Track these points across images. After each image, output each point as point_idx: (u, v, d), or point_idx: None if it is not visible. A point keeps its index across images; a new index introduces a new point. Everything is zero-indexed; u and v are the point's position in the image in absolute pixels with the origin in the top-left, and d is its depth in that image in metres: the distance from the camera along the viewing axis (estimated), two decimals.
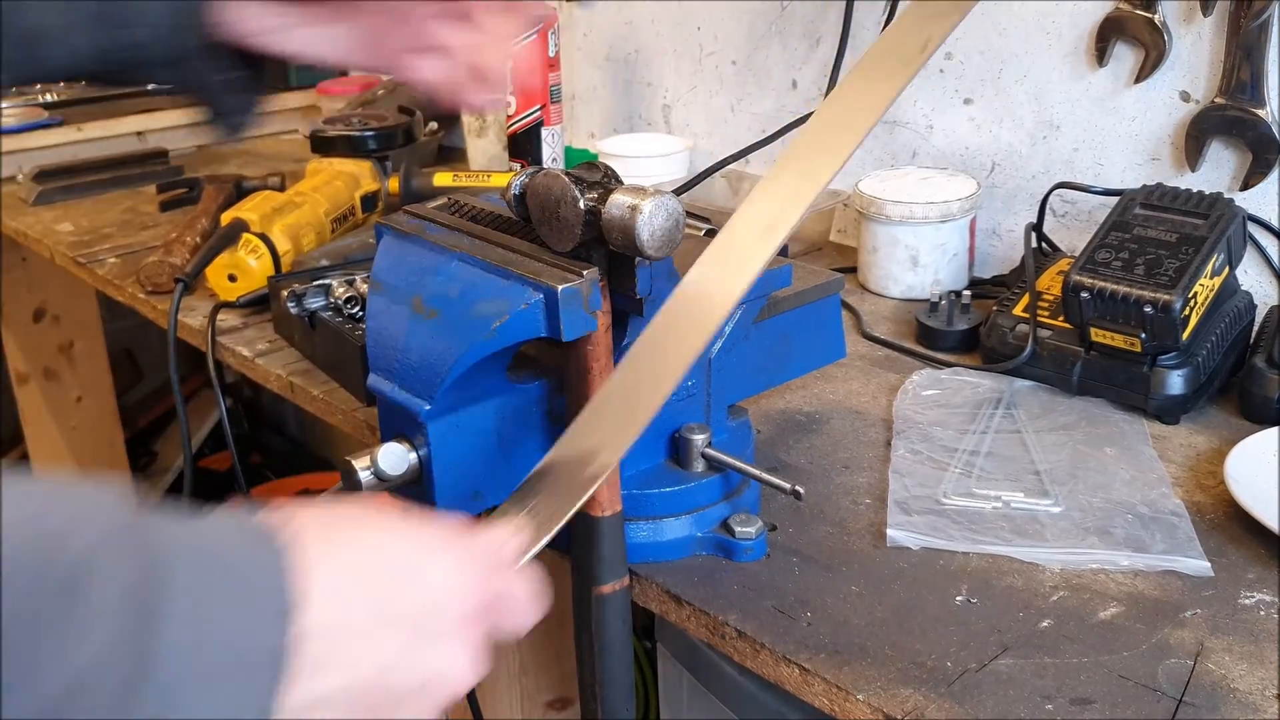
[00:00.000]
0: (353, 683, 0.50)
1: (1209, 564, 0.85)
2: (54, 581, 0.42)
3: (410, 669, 0.52)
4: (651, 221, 0.72)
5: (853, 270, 1.45)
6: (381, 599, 0.52)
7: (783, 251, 1.43)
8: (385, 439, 0.80)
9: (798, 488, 0.84)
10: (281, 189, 1.60)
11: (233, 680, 0.46)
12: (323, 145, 1.63)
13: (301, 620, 0.48)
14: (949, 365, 1.18)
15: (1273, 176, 1.19)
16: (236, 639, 0.46)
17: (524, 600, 0.58)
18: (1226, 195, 1.12)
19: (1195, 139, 1.22)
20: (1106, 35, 1.27)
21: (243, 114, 0.89)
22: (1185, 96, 1.24)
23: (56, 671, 0.41)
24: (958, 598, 0.83)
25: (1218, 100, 1.20)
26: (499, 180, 1.52)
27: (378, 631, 0.51)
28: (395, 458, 0.77)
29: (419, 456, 0.79)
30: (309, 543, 0.49)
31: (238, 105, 0.89)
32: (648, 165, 1.64)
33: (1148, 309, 1.03)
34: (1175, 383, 1.05)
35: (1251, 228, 1.18)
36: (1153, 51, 1.24)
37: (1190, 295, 1.03)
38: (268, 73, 0.92)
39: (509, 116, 1.61)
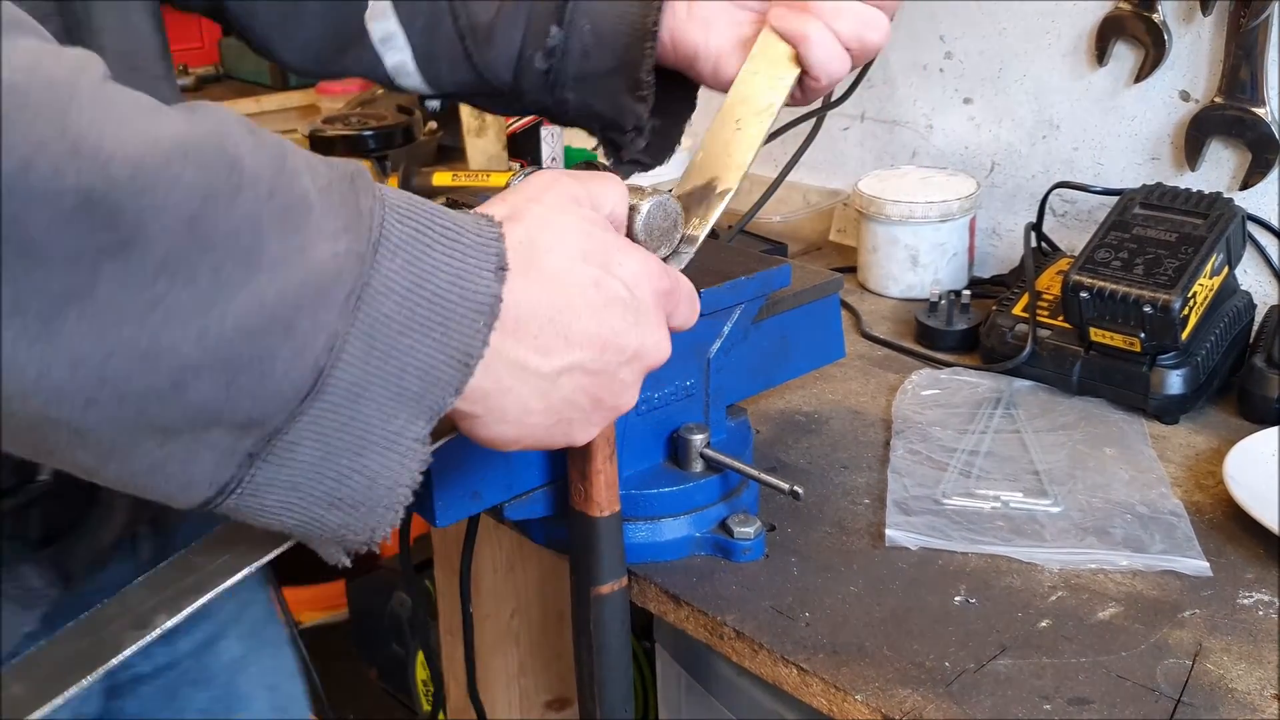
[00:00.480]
0: (571, 361, 0.55)
1: (1208, 564, 0.85)
2: (289, 198, 0.44)
3: (623, 343, 0.57)
4: (649, 221, 0.71)
5: (852, 270, 1.45)
6: (590, 280, 0.56)
7: (782, 251, 1.44)
8: None
9: (796, 488, 0.84)
10: None
11: (446, 323, 0.49)
12: (322, 145, 1.63)
13: (512, 282, 0.51)
14: (948, 365, 1.18)
15: (1272, 176, 1.19)
16: (450, 285, 0.49)
17: (690, 295, 0.64)
18: (1226, 195, 1.11)
19: (1195, 138, 1.22)
20: (1106, 35, 1.27)
21: (654, 155, 0.85)
22: (1185, 96, 1.24)
23: (295, 268, 0.44)
24: (956, 598, 0.83)
25: (1217, 100, 1.20)
26: (498, 180, 1.52)
27: (592, 305, 0.55)
28: None
29: None
30: (511, 226, 0.53)
31: (655, 145, 0.85)
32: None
33: (1147, 309, 1.03)
34: (1174, 382, 1.05)
35: (1251, 227, 1.18)
36: (1152, 51, 1.24)
37: (1190, 295, 1.03)
38: (690, 106, 0.85)
39: (509, 116, 1.61)
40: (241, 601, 0.92)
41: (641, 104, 0.80)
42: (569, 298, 0.55)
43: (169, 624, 0.53)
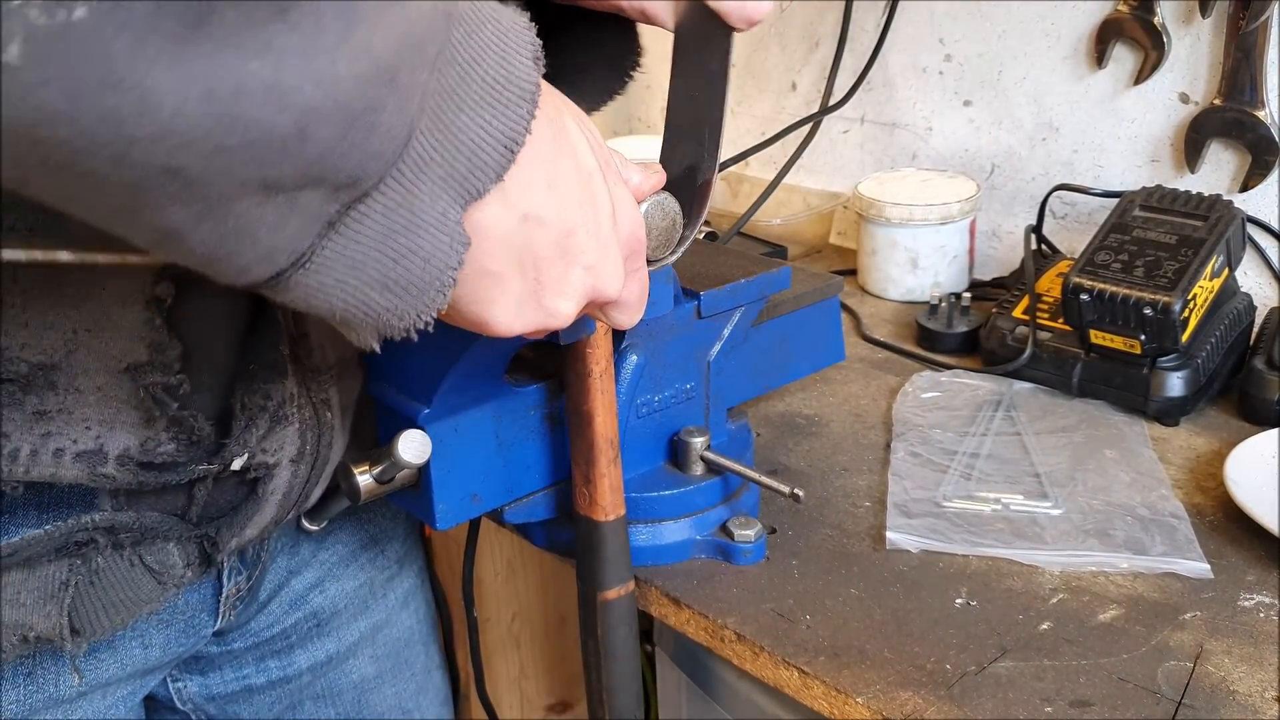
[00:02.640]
0: (542, 212, 0.54)
1: (1209, 566, 0.85)
2: None
3: (587, 242, 0.56)
4: (649, 221, 0.71)
5: (852, 273, 1.45)
6: (588, 170, 0.56)
7: (782, 254, 1.44)
8: (383, 442, 0.80)
9: (797, 490, 0.84)
10: None
11: (495, 104, 0.50)
12: None
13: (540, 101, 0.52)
14: (949, 367, 1.18)
15: (1272, 178, 1.19)
16: (497, 66, 0.50)
17: (644, 282, 0.65)
18: (1226, 197, 1.11)
19: (1194, 141, 1.22)
20: (1106, 37, 1.27)
21: (596, 98, 0.83)
22: (1184, 98, 1.24)
23: (397, 19, 0.44)
24: (957, 600, 0.83)
25: (1217, 102, 1.20)
26: None
27: (581, 186, 0.56)
28: (416, 445, 0.74)
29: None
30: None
31: (599, 87, 0.82)
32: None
33: (1147, 311, 1.03)
34: (1175, 385, 1.05)
35: (1251, 229, 1.18)
36: (1152, 53, 1.24)
37: (1190, 297, 1.03)
38: (635, 51, 0.81)
39: None
40: (375, 623, 0.93)
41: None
42: (565, 164, 0.55)
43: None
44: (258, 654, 0.87)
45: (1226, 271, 1.09)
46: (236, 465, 0.68)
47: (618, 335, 0.83)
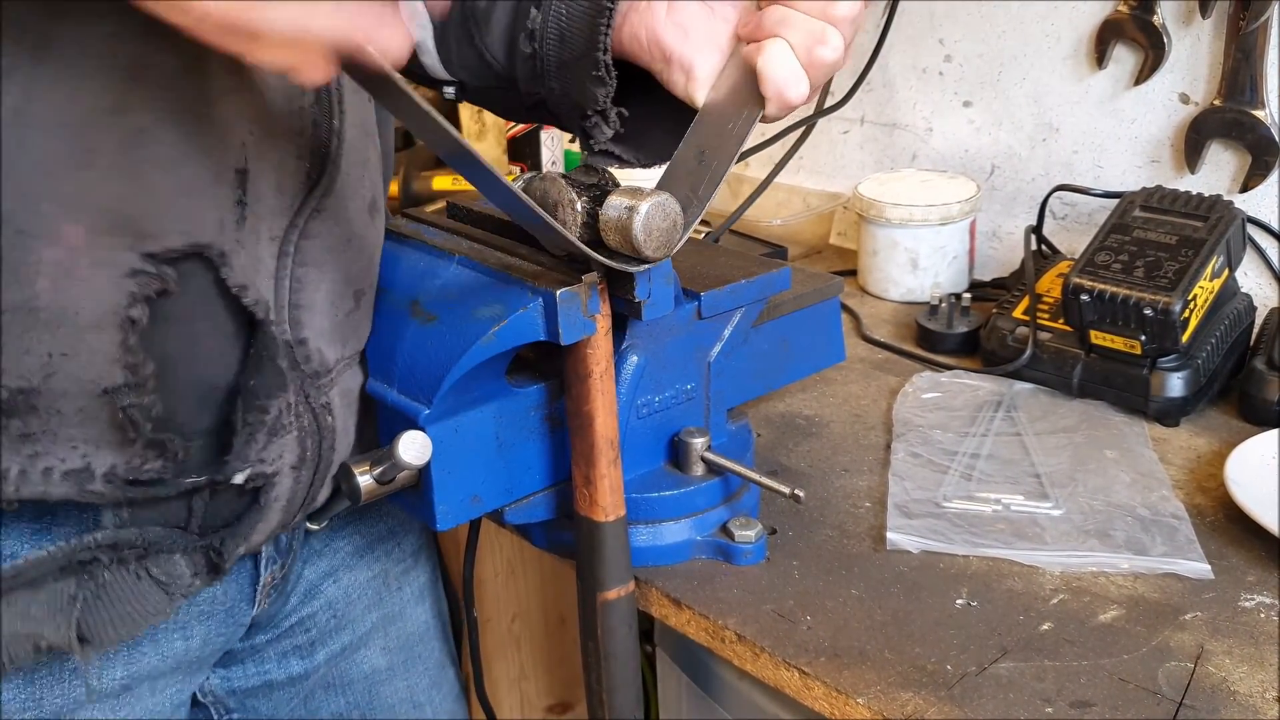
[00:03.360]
0: None
1: (1209, 566, 0.85)
2: None
3: None
4: (649, 222, 0.71)
5: (852, 273, 1.45)
6: None
7: (782, 254, 1.44)
8: (384, 443, 0.80)
9: (797, 491, 0.84)
10: None
11: None
12: None
13: None
14: (949, 368, 1.18)
15: (1272, 178, 1.19)
16: None
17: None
18: (1226, 197, 1.11)
19: (1194, 141, 1.22)
20: (1106, 38, 1.27)
21: (631, 150, 0.83)
22: (1184, 99, 1.24)
23: None
24: (958, 601, 0.83)
25: (1217, 102, 1.20)
26: None
27: None
28: (418, 446, 0.74)
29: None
30: None
31: (631, 141, 0.82)
32: (647, 169, 1.64)
33: (1148, 311, 1.03)
34: (1175, 385, 1.05)
35: (1251, 230, 1.18)
36: (1152, 54, 1.24)
37: (1190, 298, 1.03)
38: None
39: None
40: (387, 615, 0.93)
41: (600, 86, 0.78)
42: None
43: None
44: (279, 648, 0.88)
45: (1226, 272, 1.09)
46: (239, 479, 0.68)
47: (618, 336, 0.83)
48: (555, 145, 1.62)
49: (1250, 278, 1.22)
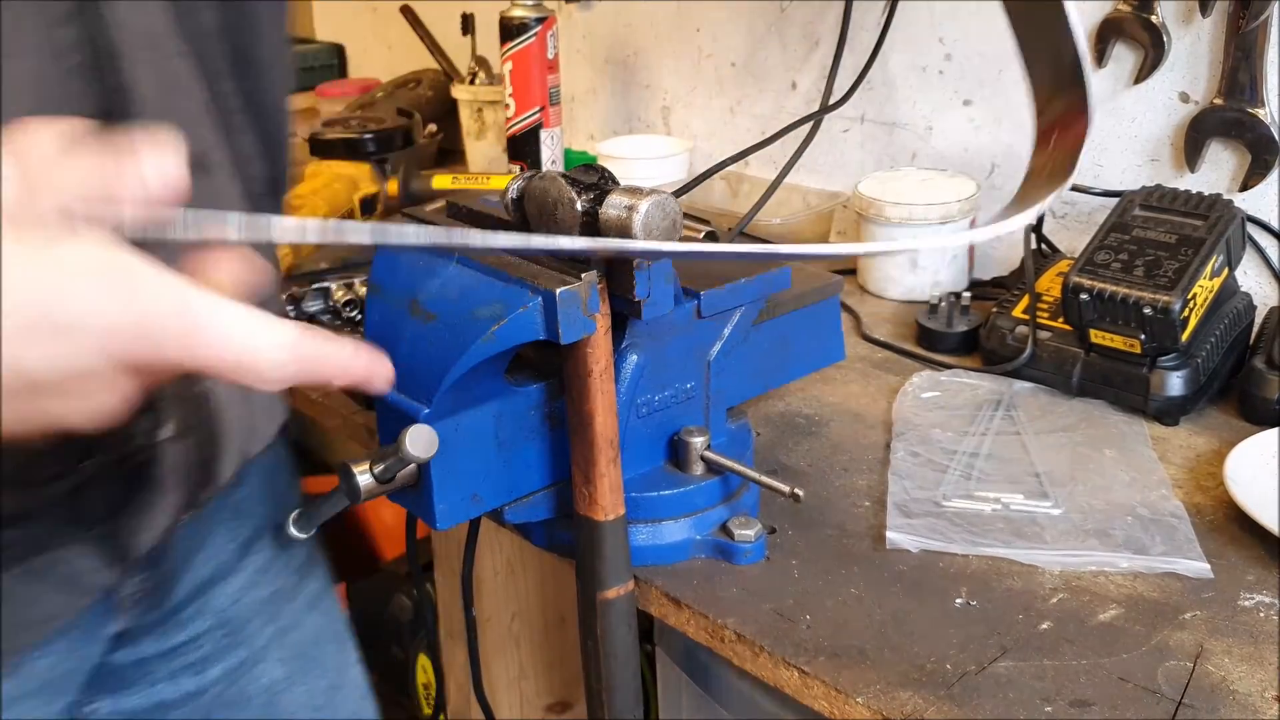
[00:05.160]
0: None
1: (1209, 566, 0.85)
2: None
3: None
4: (648, 220, 0.71)
5: (852, 272, 1.45)
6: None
7: None
8: (384, 442, 0.80)
9: (797, 490, 0.84)
10: None
11: None
12: (321, 148, 1.63)
13: None
14: (948, 367, 1.18)
15: (1272, 177, 1.19)
16: None
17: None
18: (1225, 196, 1.11)
19: (1194, 140, 1.22)
20: (1105, 36, 1.27)
21: None
22: (1184, 97, 1.24)
23: None
24: (957, 600, 0.83)
25: (1216, 101, 1.20)
26: (498, 183, 1.52)
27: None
28: (425, 440, 0.72)
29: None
30: None
31: None
32: (647, 167, 1.64)
33: (1147, 310, 1.03)
34: (1175, 384, 1.05)
35: (1250, 229, 1.18)
36: (1151, 53, 1.24)
37: (1189, 296, 1.03)
38: None
39: (508, 119, 1.61)
40: (282, 627, 0.91)
41: None
42: None
43: None
44: (169, 667, 0.84)
45: (1226, 271, 1.09)
46: (90, 460, 0.63)
47: (618, 335, 0.83)
48: (555, 144, 1.62)
49: (1250, 277, 1.22)
